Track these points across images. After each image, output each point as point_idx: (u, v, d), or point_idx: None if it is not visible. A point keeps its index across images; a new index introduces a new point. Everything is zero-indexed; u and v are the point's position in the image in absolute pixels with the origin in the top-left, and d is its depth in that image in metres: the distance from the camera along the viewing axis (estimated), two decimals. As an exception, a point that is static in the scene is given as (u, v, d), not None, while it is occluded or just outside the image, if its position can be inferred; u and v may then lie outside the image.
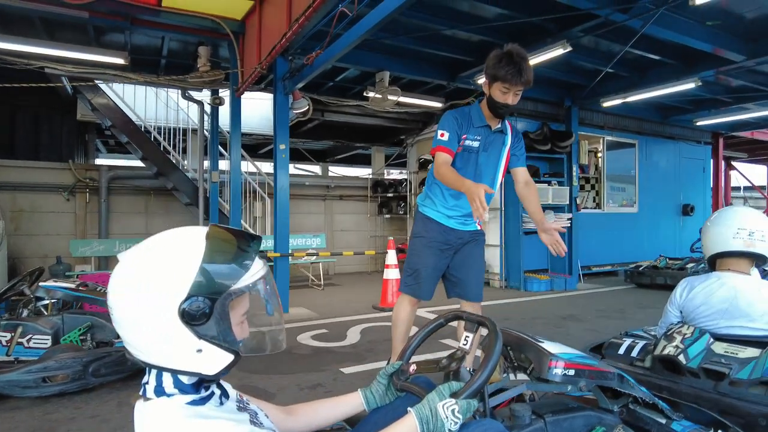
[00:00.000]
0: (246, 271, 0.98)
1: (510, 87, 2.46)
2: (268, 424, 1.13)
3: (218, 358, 0.96)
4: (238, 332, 1.01)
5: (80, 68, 6.48)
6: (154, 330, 0.91)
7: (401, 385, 1.51)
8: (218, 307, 0.94)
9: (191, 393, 0.98)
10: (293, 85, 5.88)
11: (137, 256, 0.96)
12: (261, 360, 4.03)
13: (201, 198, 7.94)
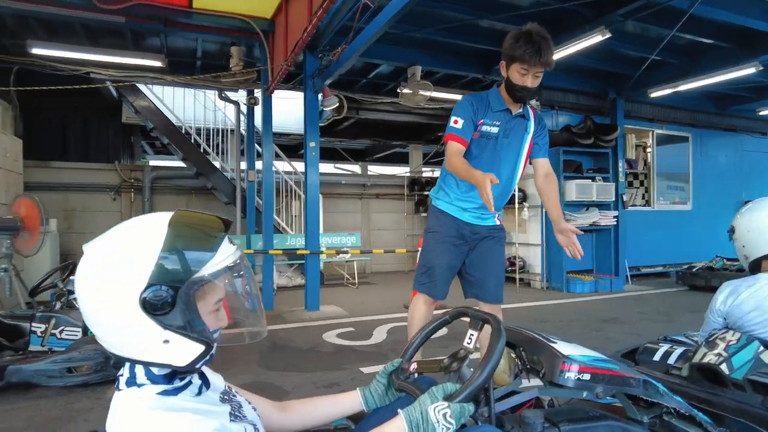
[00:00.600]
0: (210, 258, 0.92)
1: (528, 68, 2.29)
2: (252, 417, 1.07)
3: (187, 349, 0.91)
4: (211, 321, 0.96)
5: (122, 72, 6.70)
6: (117, 321, 0.88)
7: (399, 384, 1.40)
8: (182, 296, 0.88)
9: (163, 383, 0.93)
10: (322, 82, 5.85)
11: (99, 246, 0.91)
12: (281, 357, 3.99)
13: (238, 197, 8.08)
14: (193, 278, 0.89)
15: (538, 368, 1.59)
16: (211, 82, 7.25)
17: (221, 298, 0.99)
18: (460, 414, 1.07)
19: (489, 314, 1.38)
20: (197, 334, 0.91)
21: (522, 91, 2.36)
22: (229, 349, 3.82)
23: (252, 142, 7.67)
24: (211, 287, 0.95)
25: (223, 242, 0.96)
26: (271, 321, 5.38)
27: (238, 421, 1.01)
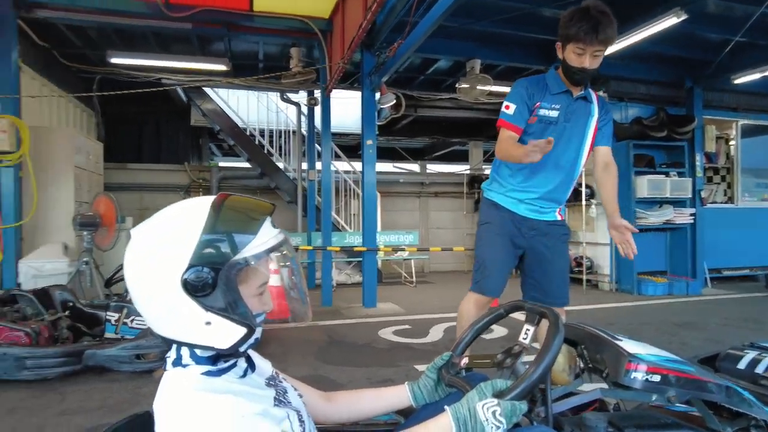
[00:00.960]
0: (251, 240, 0.92)
1: (585, 47, 2.12)
2: (297, 404, 1.06)
3: (229, 332, 0.90)
4: (255, 305, 0.95)
5: (190, 77, 7.04)
6: (161, 303, 0.89)
7: (449, 379, 1.35)
8: (223, 277, 0.88)
9: (207, 364, 0.94)
10: (379, 80, 5.84)
11: (145, 229, 0.93)
12: (337, 352, 4.01)
13: (299, 196, 8.26)
14: (233, 260, 0.89)
15: (601, 368, 1.46)
16: (273, 84, 7.48)
17: (265, 282, 0.98)
18: (511, 412, 1.00)
19: (547, 308, 1.29)
20: (239, 316, 0.90)
21: (579, 73, 2.20)
22: (287, 341, 3.91)
23: (312, 142, 7.82)
24: (253, 270, 0.94)
25: (264, 225, 0.95)
26: (329, 316, 5.43)
27: (282, 407, 0.99)
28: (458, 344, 1.48)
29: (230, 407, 0.87)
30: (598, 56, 2.17)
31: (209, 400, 0.87)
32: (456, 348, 1.46)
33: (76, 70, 6.87)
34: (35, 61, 6.04)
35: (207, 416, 0.85)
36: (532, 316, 1.35)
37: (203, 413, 0.86)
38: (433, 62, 7.37)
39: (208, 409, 0.86)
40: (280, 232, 0.99)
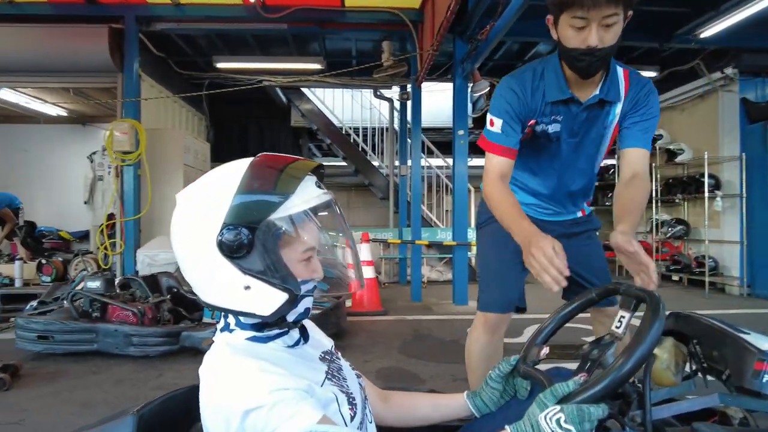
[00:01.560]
0: (288, 200, 0.84)
1: (588, 13, 1.35)
2: (352, 387, 0.97)
3: (270, 297, 0.85)
4: (301, 271, 0.88)
5: (288, 78, 7.32)
6: (202, 267, 0.86)
7: (524, 370, 1.16)
8: (259, 237, 0.83)
9: (252, 330, 0.90)
10: (471, 66, 5.61)
11: (187, 193, 0.91)
12: (422, 346, 3.88)
13: (391, 191, 8.25)
14: (269, 219, 0.83)
15: (719, 368, 1.17)
16: (366, 81, 7.54)
17: (311, 246, 0.89)
18: (579, 417, 0.81)
19: (647, 291, 1.05)
20: (279, 280, 0.84)
21: (584, 58, 1.43)
22: (373, 333, 3.84)
23: (404, 137, 7.76)
24: (297, 232, 0.86)
25: (305, 183, 0.88)
26: (418, 311, 5.32)
27: (333, 384, 0.92)
28: (539, 332, 1.28)
29: (265, 380, 0.79)
30: (612, 25, 1.38)
31: (246, 365, 0.82)
32: (536, 337, 1.26)
33: (188, 76, 7.46)
34: (153, 70, 6.63)
35: (239, 384, 0.79)
36: (628, 300, 1.12)
37: (236, 380, 0.80)
38: (532, 46, 6.94)
39: (243, 378, 0.80)
40: (325, 193, 0.91)
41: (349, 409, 0.90)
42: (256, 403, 0.77)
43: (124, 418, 0.97)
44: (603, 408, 0.85)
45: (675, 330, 1.21)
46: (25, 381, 3.05)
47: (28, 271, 5.93)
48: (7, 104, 7.67)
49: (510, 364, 1.13)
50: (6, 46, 5.73)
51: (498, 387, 1.12)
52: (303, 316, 0.92)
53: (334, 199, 0.94)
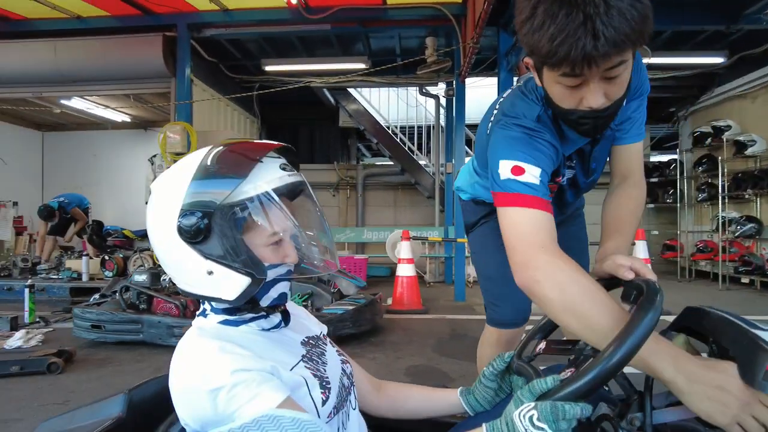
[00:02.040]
0: (245, 182, 0.83)
1: (582, 71, 0.92)
2: (332, 371, 0.95)
3: (232, 281, 0.84)
4: (268, 255, 0.87)
5: (335, 79, 7.41)
6: (170, 253, 0.87)
7: (517, 366, 1.10)
8: (216, 221, 0.82)
9: (224, 314, 0.90)
10: (516, 58, 5.44)
11: (156, 182, 0.92)
12: (457, 345, 3.79)
13: (437, 189, 8.17)
14: (224, 203, 0.82)
15: None
16: (411, 79, 7.52)
17: (276, 231, 0.87)
18: (554, 415, 0.75)
19: (646, 280, 0.94)
20: (240, 264, 0.83)
21: (586, 121, 1.03)
22: (409, 331, 3.78)
23: (450, 134, 7.65)
24: (260, 215, 0.85)
25: (265, 165, 0.86)
26: (459, 311, 5.22)
27: (309, 366, 0.90)
28: (538, 327, 1.21)
29: (225, 360, 0.78)
30: (620, 74, 0.95)
31: (207, 348, 0.81)
32: (535, 332, 1.19)
33: (239, 80, 7.74)
34: (206, 76, 6.93)
35: (200, 365, 0.79)
36: (628, 291, 1.02)
37: (198, 361, 0.80)
38: (582, 36, 6.61)
39: (203, 358, 0.80)
40: (290, 174, 0.88)
41: (321, 393, 0.87)
42: (217, 383, 0.76)
43: (116, 396, 1.01)
44: (583, 407, 0.78)
45: (691, 327, 1.10)
46: (77, 366, 3.27)
47: (94, 267, 6.36)
48: (78, 112, 8.29)
49: (504, 361, 1.06)
50: (75, 57, 6.19)
51: (492, 385, 1.06)
52: (279, 300, 0.91)
53: (302, 181, 0.92)
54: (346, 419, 0.95)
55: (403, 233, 5.54)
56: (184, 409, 0.80)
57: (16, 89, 6.64)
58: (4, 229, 7.68)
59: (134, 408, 0.99)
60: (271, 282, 0.87)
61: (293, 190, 0.90)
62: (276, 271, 0.87)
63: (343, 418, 0.94)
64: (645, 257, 4.99)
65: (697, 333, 1.12)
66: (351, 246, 8.73)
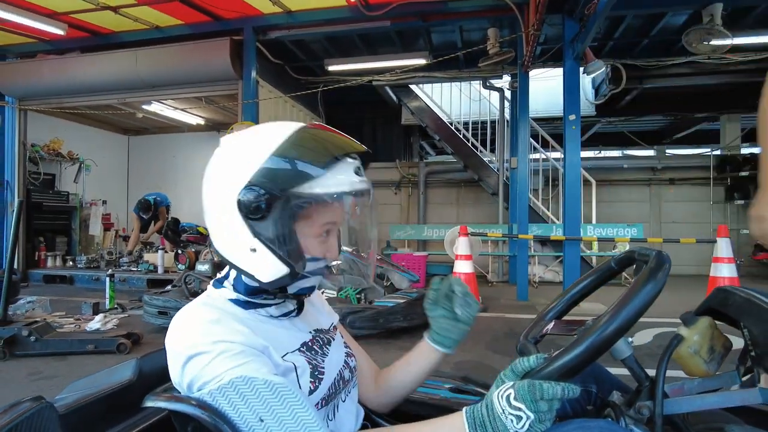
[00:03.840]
0: (319, 176, 0.81)
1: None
2: (332, 361, 0.93)
3: (271, 265, 0.83)
4: (315, 248, 0.85)
5: (396, 76, 7.41)
6: (219, 214, 0.85)
7: (521, 345, 1.03)
8: (278, 206, 0.80)
9: (241, 293, 0.88)
10: (581, 44, 5.14)
11: (229, 139, 0.92)
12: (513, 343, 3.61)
13: (501, 185, 7.92)
14: (292, 190, 0.79)
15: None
16: (474, 72, 7.36)
17: (332, 225, 0.86)
18: (531, 395, 0.69)
19: (656, 250, 0.87)
20: (284, 253, 0.81)
21: None
22: None
23: (515, 128, 7.40)
24: (319, 209, 0.83)
25: (343, 166, 0.83)
26: (520, 310, 5.02)
27: (305, 354, 0.88)
28: (550, 307, 1.11)
29: (212, 330, 0.78)
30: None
31: (199, 316, 0.81)
32: (546, 312, 1.10)
33: (304, 81, 7.94)
34: (272, 77, 7.17)
35: (185, 331, 0.80)
36: (640, 266, 0.92)
37: (184, 327, 0.80)
38: (659, 19, 6.15)
39: (191, 325, 0.80)
40: (362, 181, 0.85)
41: (310, 382, 0.85)
42: (196, 349, 0.76)
43: (129, 361, 1.09)
44: (566, 386, 0.70)
45: (720, 310, 0.95)
46: (143, 348, 3.48)
47: (169, 260, 6.78)
48: (158, 116, 8.89)
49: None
50: (154, 64, 6.63)
51: (440, 308, 1.00)
52: (304, 291, 0.89)
53: (369, 190, 0.87)
54: (336, 410, 0.93)
55: (461, 228, 5.41)
56: (173, 370, 0.80)
57: (103, 96, 7.23)
58: (95, 225, 8.39)
59: (143, 373, 1.06)
60: (303, 275, 0.85)
61: (359, 196, 0.86)
62: (315, 264, 0.85)
63: (333, 409, 0.92)
64: (728, 256, 4.51)
65: (725, 316, 0.97)
66: (412, 243, 8.69)
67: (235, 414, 0.74)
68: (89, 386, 1.04)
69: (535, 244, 7.43)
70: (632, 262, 1.00)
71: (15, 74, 7.19)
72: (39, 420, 0.79)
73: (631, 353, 0.89)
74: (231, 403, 0.74)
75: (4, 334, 3.23)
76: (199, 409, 0.74)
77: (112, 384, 1.03)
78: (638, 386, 0.90)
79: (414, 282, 4.63)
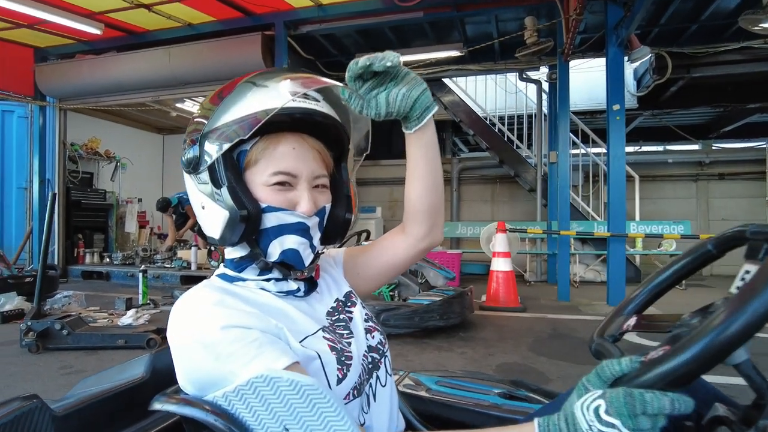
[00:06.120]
0: (237, 105, 0.73)
1: None
2: (356, 343, 0.79)
3: (215, 216, 0.74)
4: (268, 196, 0.74)
5: (429, 69, 7.23)
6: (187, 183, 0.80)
7: (597, 345, 0.87)
8: (210, 149, 0.73)
9: (228, 267, 0.80)
10: (626, 31, 4.85)
11: None
12: (558, 345, 3.42)
13: (539, 181, 7.64)
14: (208, 127, 0.73)
15: None
16: (510, 64, 7.11)
17: (281, 170, 0.74)
18: (629, 408, 0.53)
19: None
20: (221, 196, 0.72)
21: None
22: (504, 328, 3.52)
23: (553, 122, 7.11)
24: (260, 149, 0.74)
25: (269, 92, 0.73)
26: (562, 311, 4.77)
27: (329, 337, 0.75)
28: (629, 300, 0.94)
29: (219, 314, 0.66)
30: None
31: (202, 298, 0.69)
32: (625, 305, 0.92)
33: (336, 77, 7.84)
34: (303, 72, 7.10)
35: (190, 317, 0.68)
36: (755, 247, 0.74)
37: (188, 313, 0.68)
38: (709, 3, 5.77)
39: (194, 310, 0.68)
40: (304, 102, 0.75)
41: (338, 370, 0.72)
42: (202, 340, 0.64)
43: (142, 357, 1.02)
44: (676, 398, 0.53)
45: None
46: (174, 344, 3.42)
47: (202, 257, 6.79)
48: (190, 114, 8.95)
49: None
50: (186, 61, 6.65)
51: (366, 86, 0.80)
52: (289, 259, 0.75)
53: (320, 113, 0.76)
54: (372, 401, 0.78)
55: (499, 224, 5.19)
56: (180, 368, 0.69)
57: (138, 95, 7.31)
58: (130, 223, 8.52)
59: (157, 369, 0.98)
60: (273, 231, 0.74)
61: (311, 123, 0.76)
62: (278, 216, 0.74)
63: (367, 400, 0.78)
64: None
65: None
66: (445, 241, 8.49)
67: (255, 421, 0.61)
68: (99, 383, 0.97)
69: (575, 243, 7.12)
70: (741, 242, 0.81)
71: (55, 75, 7.35)
72: (28, 422, 0.66)
73: (748, 357, 0.71)
74: (250, 408, 0.61)
75: (38, 328, 3.22)
76: (212, 414, 0.61)
77: (120, 382, 0.94)
78: (757, 399, 0.71)
79: (450, 279, 4.45)
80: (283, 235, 0.74)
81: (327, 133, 0.81)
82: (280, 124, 0.73)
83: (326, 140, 0.82)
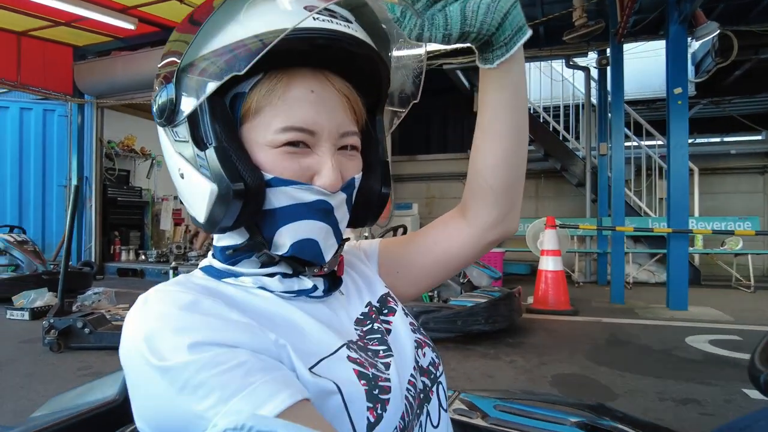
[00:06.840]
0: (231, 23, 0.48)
1: None
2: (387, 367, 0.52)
3: (198, 190, 0.50)
4: (273, 163, 0.50)
5: (468, 57, 6.86)
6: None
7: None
8: (189, 91, 0.49)
9: (219, 259, 0.56)
10: (690, 6, 4.38)
11: None
12: (619, 353, 3.03)
13: (588, 174, 7.16)
14: (188, 58, 0.49)
15: None
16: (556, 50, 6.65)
17: (294, 125, 0.49)
18: None
19: None
20: (210, 164, 0.48)
21: None
22: (557, 333, 3.17)
23: (605, 112, 6.62)
24: (263, 92, 0.49)
25: (274, 7, 0.48)
26: (618, 314, 4.35)
27: (356, 359, 0.49)
28: None
29: (194, 322, 0.43)
30: None
31: (172, 301, 0.45)
32: None
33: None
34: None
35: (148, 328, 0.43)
36: None
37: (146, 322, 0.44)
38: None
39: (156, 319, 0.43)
40: (324, 20, 0.48)
41: (369, 410, 0.46)
42: (169, 360, 0.40)
43: (117, 373, 0.86)
44: None
45: None
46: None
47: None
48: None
49: None
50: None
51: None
52: (301, 253, 0.51)
53: (355, 38, 0.50)
54: None
55: (548, 220, 4.79)
56: (134, 402, 0.45)
57: (168, 90, 7.28)
58: (165, 220, 8.52)
59: None
60: (282, 213, 0.50)
61: (338, 53, 0.50)
62: (288, 192, 0.50)
63: None
64: None
65: None
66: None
67: None
68: (65, 404, 0.83)
69: (627, 241, 6.61)
70: None
71: (92, 73, 7.40)
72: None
73: None
74: None
75: (60, 326, 3.09)
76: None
77: (89, 406, 0.79)
78: None
79: (496, 279, 4.11)
80: (297, 220, 0.51)
81: (360, 69, 0.54)
82: (293, 54, 0.49)
83: (358, 81, 0.55)
